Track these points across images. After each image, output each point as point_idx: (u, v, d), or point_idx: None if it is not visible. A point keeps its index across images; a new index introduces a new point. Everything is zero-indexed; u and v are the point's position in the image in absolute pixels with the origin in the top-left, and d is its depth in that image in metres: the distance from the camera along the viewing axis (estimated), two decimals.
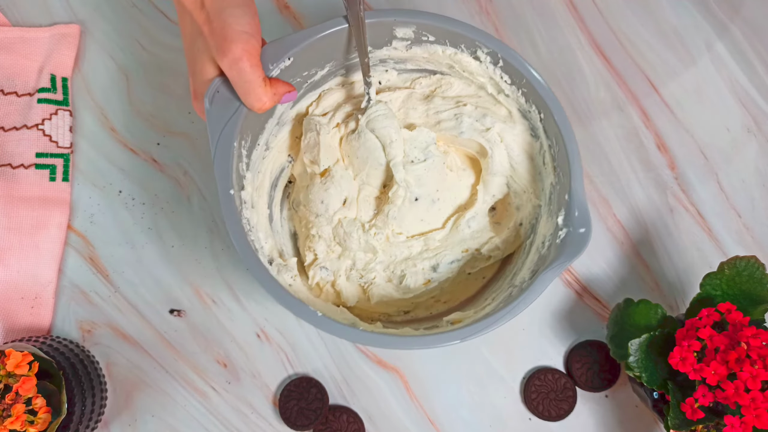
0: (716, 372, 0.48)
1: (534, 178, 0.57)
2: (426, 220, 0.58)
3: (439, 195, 0.58)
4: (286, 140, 0.58)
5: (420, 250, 0.58)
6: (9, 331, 0.60)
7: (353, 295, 0.57)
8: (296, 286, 0.54)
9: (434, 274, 0.57)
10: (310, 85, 0.56)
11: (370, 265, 0.57)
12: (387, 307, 0.57)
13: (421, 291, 0.57)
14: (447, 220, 0.58)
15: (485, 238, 0.58)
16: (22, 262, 0.60)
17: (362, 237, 0.56)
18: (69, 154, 0.62)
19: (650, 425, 0.61)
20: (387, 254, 0.57)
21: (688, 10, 0.65)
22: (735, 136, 0.64)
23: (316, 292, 0.57)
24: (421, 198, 0.57)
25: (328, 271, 0.57)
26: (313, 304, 0.52)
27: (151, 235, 0.62)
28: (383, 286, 0.57)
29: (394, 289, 0.57)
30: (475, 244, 0.58)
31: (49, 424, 0.51)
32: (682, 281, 0.62)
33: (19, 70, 0.63)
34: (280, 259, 0.55)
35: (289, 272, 0.54)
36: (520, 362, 0.61)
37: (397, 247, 0.57)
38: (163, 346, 0.61)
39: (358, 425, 0.60)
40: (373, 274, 0.57)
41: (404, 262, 0.57)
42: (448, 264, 0.57)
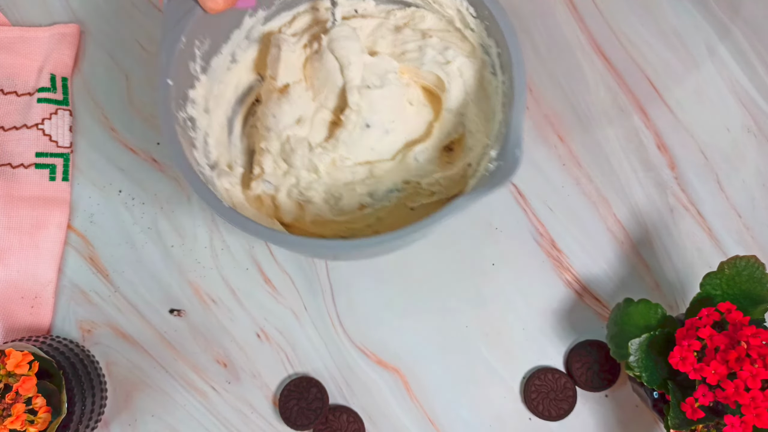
0: (716, 371, 0.48)
1: (488, 117, 0.56)
2: (376, 149, 0.57)
3: (393, 126, 0.57)
4: (254, 58, 0.59)
5: (363, 177, 0.57)
6: (9, 330, 0.60)
7: (290, 211, 0.57)
8: (234, 193, 0.55)
9: (370, 200, 0.57)
10: (283, 4, 0.57)
11: (312, 185, 0.57)
12: (322, 228, 0.57)
13: (356, 216, 0.57)
14: (398, 153, 0.58)
15: (429, 173, 0.57)
16: (22, 262, 0.60)
17: (306, 155, 0.56)
18: (69, 154, 0.62)
19: (650, 425, 0.61)
20: (330, 177, 0.57)
21: (689, 10, 0.66)
22: (735, 136, 0.64)
23: (257, 205, 0.57)
24: (374, 126, 0.56)
25: (271, 185, 0.57)
26: (244, 210, 0.53)
27: (151, 234, 0.62)
28: (320, 205, 0.57)
29: (329, 209, 0.57)
30: (418, 177, 0.57)
31: (49, 424, 0.51)
32: (682, 281, 0.62)
33: (18, 69, 0.63)
34: (227, 168, 0.56)
35: (230, 178, 0.55)
36: (520, 362, 0.61)
37: (342, 172, 0.57)
38: (163, 345, 0.61)
39: (359, 425, 0.60)
40: (312, 192, 0.57)
41: (345, 186, 0.57)
42: (386, 192, 0.57)
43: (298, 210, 0.57)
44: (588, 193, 0.63)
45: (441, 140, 0.58)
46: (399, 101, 0.57)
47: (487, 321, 0.62)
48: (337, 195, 0.56)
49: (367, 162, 0.57)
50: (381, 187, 0.57)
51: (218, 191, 0.51)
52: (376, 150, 0.57)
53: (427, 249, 0.62)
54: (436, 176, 0.56)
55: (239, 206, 0.54)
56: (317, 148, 0.56)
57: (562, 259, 0.62)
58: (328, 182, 0.57)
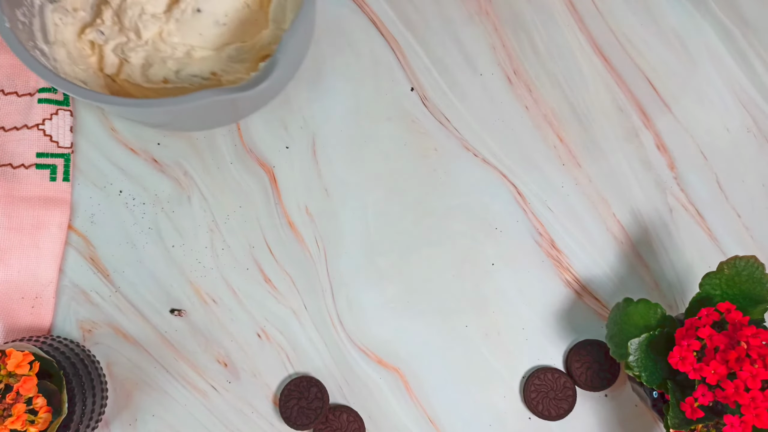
0: (716, 371, 0.48)
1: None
2: (204, 36, 0.59)
3: (226, 21, 0.59)
4: None
5: (179, 56, 0.59)
6: (9, 330, 0.60)
7: (113, 65, 0.60)
8: (62, 31, 0.58)
9: (174, 77, 0.59)
10: None
11: (135, 47, 0.59)
12: (134, 90, 0.60)
13: (159, 87, 0.59)
14: (223, 47, 0.59)
15: (234, 72, 0.59)
16: (23, 262, 0.60)
17: (134, 18, 0.58)
18: (69, 154, 0.62)
19: (650, 425, 0.61)
20: (153, 46, 0.59)
21: (688, 10, 0.66)
22: (735, 136, 0.64)
23: (87, 53, 0.60)
24: (205, 12, 0.58)
25: (103, 36, 0.59)
26: (59, 48, 0.57)
27: (152, 234, 0.62)
28: (134, 67, 0.59)
29: (140, 74, 0.59)
30: (223, 73, 0.59)
31: (50, 424, 0.51)
32: (681, 281, 0.62)
33: (19, 69, 0.63)
34: (71, 9, 0.59)
35: (66, 18, 0.58)
36: (520, 362, 0.61)
37: (165, 44, 0.59)
38: (163, 345, 0.61)
39: (359, 424, 0.60)
40: (132, 54, 0.59)
41: (160, 57, 0.59)
42: (190, 75, 0.59)
43: (119, 66, 0.60)
44: (588, 193, 0.63)
45: (259, 48, 0.59)
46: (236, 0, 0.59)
47: (487, 321, 0.62)
48: (151, 62, 0.59)
49: (192, 45, 0.59)
50: (189, 70, 0.59)
51: (48, 28, 0.57)
52: (204, 37, 0.59)
53: (428, 249, 0.62)
54: (238, 76, 0.58)
55: (58, 43, 0.58)
56: (147, 16, 0.58)
57: (561, 259, 0.62)
58: (149, 49, 0.59)
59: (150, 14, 0.58)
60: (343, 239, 0.62)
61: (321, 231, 0.62)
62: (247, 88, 0.50)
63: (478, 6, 0.65)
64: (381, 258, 0.62)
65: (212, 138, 0.63)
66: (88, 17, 0.61)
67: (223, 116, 0.60)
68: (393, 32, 0.64)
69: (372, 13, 0.65)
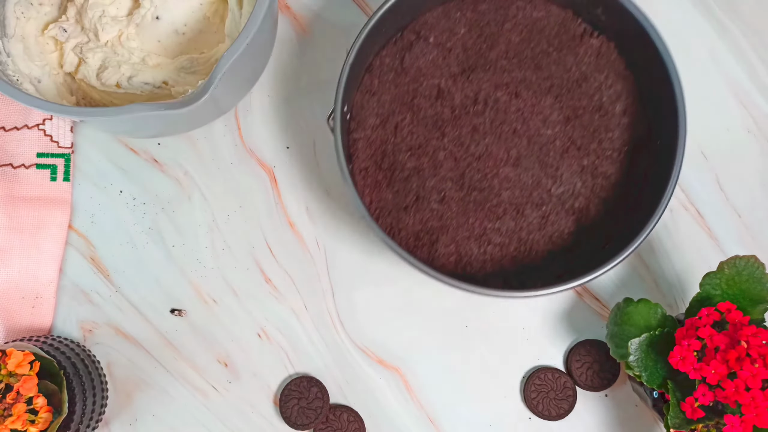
0: (716, 371, 0.48)
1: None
2: (163, 43, 0.58)
3: (185, 30, 0.58)
4: None
5: (134, 61, 0.59)
6: (10, 330, 0.60)
7: (71, 63, 0.60)
8: (24, 26, 0.58)
9: (126, 83, 0.58)
10: None
11: (93, 48, 0.58)
12: (92, 91, 0.60)
13: (112, 91, 0.59)
14: (180, 57, 0.59)
15: (185, 84, 0.58)
16: (23, 262, 0.60)
17: (94, 19, 0.58)
18: (70, 154, 0.62)
19: (650, 425, 0.61)
20: (111, 49, 0.59)
21: (688, 10, 0.66)
22: (735, 136, 0.64)
23: (49, 48, 0.60)
24: (163, 20, 0.58)
25: (65, 33, 0.58)
26: (16, 43, 0.57)
27: (152, 234, 0.62)
28: (90, 67, 0.59)
29: (95, 75, 0.59)
30: (175, 83, 0.59)
31: (50, 424, 0.51)
32: (681, 281, 0.62)
33: None
34: (38, 2, 0.59)
35: (29, 11, 0.58)
36: (520, 361, 0.61)
37: (123, 48, 0.58)
38: (163, 345, 0.61)
39: (359, 424, 0.60)
40: (89, 55, 0.58)
41: (116, 60, 0.59)
42: (142, 82, 0.58)
43: (77, 66, 0.60)
44: None
45: (214, 62, 0.58)
46: (197, 9, 0.58)
47: (487, 321, 0.62)
48: (106, 65, 0.58)
49: (150, 51, 0.59)
50: (141, 77, 0.58)
51: (8, 21, 0.57)
52: (162, 44, 0.58)
53: None
54: (187, 89, 0.57)
55: (17, 38, 0.58)
56: (108, 18, 0.58)
57: None
58: (107, 51, 0.58)
59: (111, 17, 0.58)
60: (344, 239, 0.62)
61: (321, 231, 0.62)
62: (180, 106, 0.49)
63: None
64: (381, 258, 0.62)
65: (212, 138, 0.63)
66: (53, 13, 0.60)
67: (171, 126, 0.60)
68: None
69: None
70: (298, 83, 0.64)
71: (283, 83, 0.64)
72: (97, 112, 0.50)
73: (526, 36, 0.56)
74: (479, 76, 0.55)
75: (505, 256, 0.54)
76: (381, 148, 0.56)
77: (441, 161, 0.55)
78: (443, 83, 0.55)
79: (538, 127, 0.55)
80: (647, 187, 0.54)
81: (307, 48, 0.64)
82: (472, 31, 0.56)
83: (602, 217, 0.55)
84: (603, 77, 0.56)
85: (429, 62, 0.56)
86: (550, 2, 0.56)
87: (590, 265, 0.52)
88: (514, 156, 0.55)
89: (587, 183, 0.55)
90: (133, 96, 0.58)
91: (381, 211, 0.55)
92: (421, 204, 0.54)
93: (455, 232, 0.54)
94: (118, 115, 0.49)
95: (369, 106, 0.56)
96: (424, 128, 0.55)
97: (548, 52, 0.56)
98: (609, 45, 0.56)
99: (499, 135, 0.55)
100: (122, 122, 0.54)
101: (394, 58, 0.57)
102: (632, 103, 0.56)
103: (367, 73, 0.56)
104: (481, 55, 0.56)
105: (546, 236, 0.55)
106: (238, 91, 0.60)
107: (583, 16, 0.56)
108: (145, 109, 0.49)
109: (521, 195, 0.54)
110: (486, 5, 0.56)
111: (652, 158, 0.55)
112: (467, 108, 0.55)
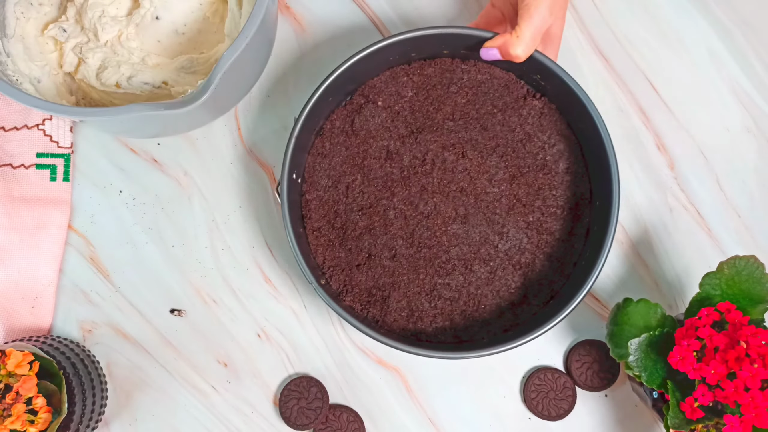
0: (716, 371, 0.48)
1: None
2: (163, 44, 0.59)
3: (185, 30, 0.58)
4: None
5: (134, 61, 0.59)
6: (10, 330, 0.60)
7: (71, 63, 0.60)
8: (24, 26, 0.58)
9: (126, 83, 0.58)
10: None
11: (93, 48, 0.58)
12: (91, 91, 0.60)
13: (112, 91, 0.59)
14: (179, 57, 0.59)
15: (184, 84, 0.58)
16: (23, 262, 0.60)
17: (94, 19, 0.58)
18: (69, 154, 0.62)
19: (650, 425, 0.61)
20: (111, 49, 0.59)
21: (688, 10, 0.65)
22: (735, 136, 0.64)
23: (48, 48, 0.60)
24: (164, 21, 0.58)
25: (65, 33, 0.59)
26: (14, 49, 0.57)
27: (152, 234, 0.62)
28: (90, 67, 0.59)
29: (94, 75, 0.59)
30: (174, 83, 0.59)
31: (50, 424, 0.51)
32: (681, 281, 0.62)
33: None
34: (37, 3, 0.59)
35: (29, 11, 0.58)
36: (520, 362, 0.61)
37: (123, 47, 0.58)
38: (163, 345, 0.61)
39: (359, 424, 0.60)
40: (89, 55, 0.58)
41: (116, 60, 0.59)
42: (142, 82, 0.58)
43: (77, 66, 0.60)
44: None
45: (213, 62, 0.58)
46: (197, 9, 0.58)
47: None
48: (106, 65, 0.58)
49: (150, 51, 0.59)
50: (141, 77, 0.58)
51: (8, 21, 0.57)
52: (162, 44, 0.59)
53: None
54: (187, 89, 0.57)
55: (17, 38, 0.58)
56: (107, 18, 0.58)
57: None
58: (107, 52, 0.58)
59: (110, 17, 0.58)
60: None
61: None
62: (180, 106, 0.49)
63: (478, 6, 0.65)
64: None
65: (212, 138, 0.63)
66: (53, 13, 0.60)
67: (171, 126, 0.60)
68: (393, 32, 0.64)
69: (372, 13, 0.65)
70: (298, 83, 0.64)
71: (283, 83, 0.64)
72: (97, 112, 0.50)
73: (471, 98, 0.59)
74: (427, 137, 0.58)
75: (455, 311, 0.57)
76: (333, 208, 0.58)
77: (392, 220, 0.57)
78: (392, 145, 0.58)
79: (485, 185, 0.57)
80: (589, 243, 0.57)
81: (307, 48, 0.64)
82: (419, 94, 0.59)
83: (548, 271, 0.57)
84: (546, 137, 0.58)
85: (378, 124, 0.58)
86: (493, 66, 0.59)
87: (537, 320, 0.55)
88: (462, 214, 0.57)
89: (533, 239, 0.57)
90: (132, 96, 0.58)
91: (334, 269, 0.57)
92: (373, 261, 0.57)
93: (407, 288, 0.56)
94: (118, 115, 0.49)
95: (321, 168, 0.58)
96: (375, 188, 0.57)
97: (493, 113, 0.58)
98: (550, 106, 0.59)
99: (447, 194, 0.57)
100: (122, 122, 0.54)
101: (345, 121, 0.59)
102: (574, 161, 0.58)
103: (318, 136, 0.59)
104: (429, 117, 0.58)
105: (494, 291, 0.57)
106: (238, 91, 0.60)
107: (526, 79, 0.59)
108: (145, 109, 0.49)
109: (469, 251, 0.57)
110: (432, 69, 0.59)
111: (593, 215, 0.57)
112: (416, 168, 0.57)
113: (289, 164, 0.55)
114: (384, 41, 0.55)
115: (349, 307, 0.56)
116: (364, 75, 0.58)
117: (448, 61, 0.59)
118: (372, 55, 0.55)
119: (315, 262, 0.57)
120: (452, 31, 0.55)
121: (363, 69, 0.57)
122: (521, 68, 0.57)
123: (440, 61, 0.59)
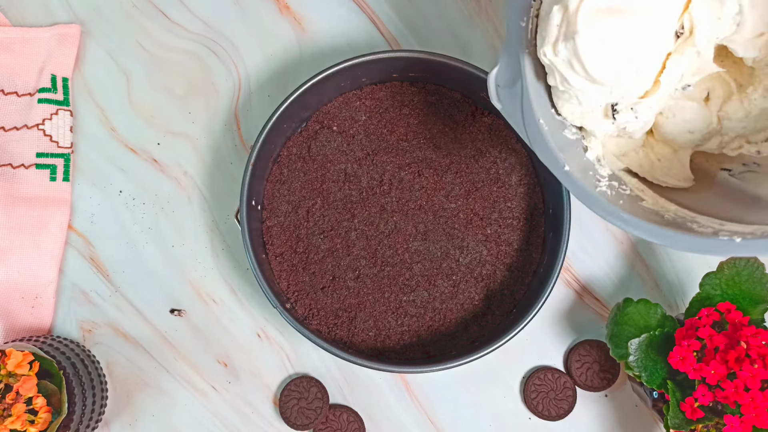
0: (716, 371, 0.48)
1: None
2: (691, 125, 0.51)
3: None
4: None
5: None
6: (10, 330, 0.60)
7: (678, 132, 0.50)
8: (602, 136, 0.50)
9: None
10: None
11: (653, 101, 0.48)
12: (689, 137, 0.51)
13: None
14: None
15: (745, 133, 0.51)
16: (23, 262, 0.60)
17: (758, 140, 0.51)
18: (69, 154, 0.62)
19: (650, 425, 0.61)
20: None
21: None
22: None
23: (619, 149, 0.52)
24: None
25: (638, 119, 0.48)
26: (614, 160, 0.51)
27: (152, 234, 0.62)
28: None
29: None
30: (741, 139, 0.51)
31: (50, 424, 0.51)
32: (681, 281, 0.62)
33: (19, 70, 0.63)
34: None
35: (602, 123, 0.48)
36: (520, 362, 0.61)
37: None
38: (163, 345, 0.61)
39: (359, 424, 0.60)
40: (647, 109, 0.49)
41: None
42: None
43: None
44: None
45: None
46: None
47: None
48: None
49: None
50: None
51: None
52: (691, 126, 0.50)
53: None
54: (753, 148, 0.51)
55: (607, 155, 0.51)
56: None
57: None
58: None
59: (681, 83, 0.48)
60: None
61: None
62: None
63: (478, 6, 0.65)
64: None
65: (212, 138, 0.63)
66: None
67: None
68: (393, 32, 0.64)
69: (372, 13, 0.65)
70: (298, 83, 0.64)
71: (283, 83, 0.64)
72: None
73: (423, 118, 0.60)
74: (383, 158, 0.59)
75: (421, 326, 0.58)
76: (295, 233, 0.59)
77: (353, 241, 0.58)
78: (349, 167, 0.59)
79: (442, 201, 0.59)
80: (546, 252, 0.58)
81: (307, 48, 0.64)
82: (372, 117, 0.60)
83: (508, 281, 0.58)
84: (497, 152, 0.59)
85: (334, 149, 0.59)
86: (442, 86, 0.60)
87: (501, 329, 0.56)
88: (422, 230, 0.58)
89: (492, 251, 0.58)
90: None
91: (299, 293, 0.58)
92: (338, 283, 0.58)
93: (372, 307, 0.57)
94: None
95: (280, 194, 0.59)
96: (335, 211, 0.58)
97: (445, 131, 0.60)
98: (499, 122, 0.59)
99: (406, 212, 0.58)
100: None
101: (301, 147, 0.60)
102: (526, 174, 0.59)
103: (276, 164, 0.59)
104: (383, 139, 0.59)
105: (458, 304, 0.58)
106: None
107: (474, 97, 0.60)
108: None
109: (432, 267, 0.58)
110: (383, 93, 0.60)
111: (546, 224, 0.58)
112: (374, 189, 0.59)
113: (247, 192, 0.56)
114: (332, 68, 0.56)
115: (316, 331, 0.57)
116: (317, 101, 0.59)
117: (398, 85, 0.60)
118: (323, 82, 0.56)
119: (279, 288, 0.58)
120: (400, 54, 0.57)
121: (316, 96, 0.58)
122: (469, 87, 0.59)
123: (390, 84, 0.60)
